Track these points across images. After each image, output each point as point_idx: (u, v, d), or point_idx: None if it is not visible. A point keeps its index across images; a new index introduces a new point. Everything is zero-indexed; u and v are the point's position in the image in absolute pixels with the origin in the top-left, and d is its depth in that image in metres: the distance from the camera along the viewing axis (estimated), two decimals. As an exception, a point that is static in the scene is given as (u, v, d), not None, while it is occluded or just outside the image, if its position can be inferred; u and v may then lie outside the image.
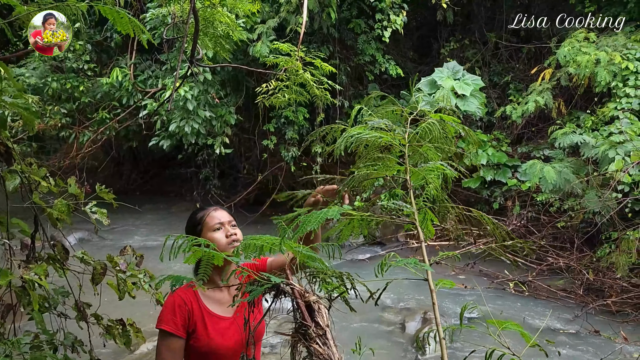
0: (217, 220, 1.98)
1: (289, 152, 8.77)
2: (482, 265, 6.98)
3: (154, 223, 10.02)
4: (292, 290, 1.35)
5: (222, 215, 2.01)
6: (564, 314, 5.49)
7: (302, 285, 1.38)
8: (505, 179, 7.59)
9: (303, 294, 1.34)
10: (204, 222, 1.98)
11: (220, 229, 1.99)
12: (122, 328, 2.47)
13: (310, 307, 1.32)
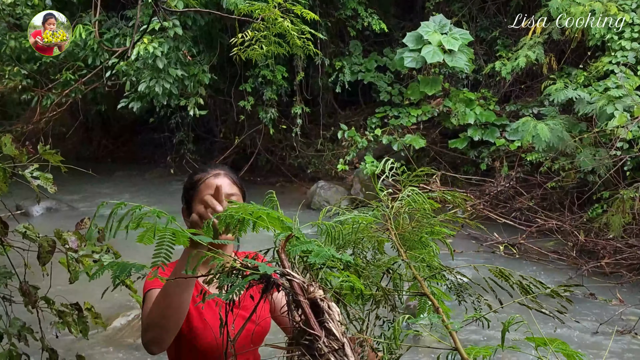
0: (211, 191, 1.58)
1: (267, 114, 8.34)
2: (470, 228, 6.75)
3: (127, 190, 9.56)
4: (289, 282, 0.97)
5: (221, 185, 1.62)
6: (556, 277, 5.31)
7: (304, 276, 1.02)
8: (494, 139, 7.31)
9: (306, 288, 0.97)
10: (197, 189, 1.63)
11: None
12: (78, 314, 2.11)
13: (316, 306, 0.94)
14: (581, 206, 6.56)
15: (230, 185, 1.65)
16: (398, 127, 7.84)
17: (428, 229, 1.41)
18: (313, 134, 9.65)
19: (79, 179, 9.73)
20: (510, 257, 5.87)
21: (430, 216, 1.43)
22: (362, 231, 1.30)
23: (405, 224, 1.39)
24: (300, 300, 0.93)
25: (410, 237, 1.36)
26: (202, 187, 1.62)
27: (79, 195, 9.18)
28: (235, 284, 0.94)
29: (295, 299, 0.94)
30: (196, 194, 1.63)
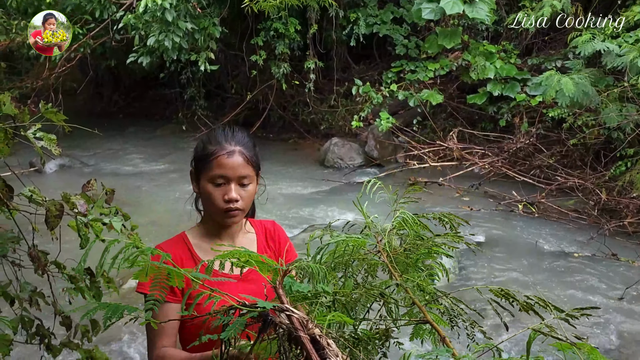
0: (222, 172, 1.50)
1: (279, 69, 8.12)
2: (488, 186, 6.62)
3: (139, 147, 9.50)
4: (288, 318, 0.88)
5: (233, 165, 1.50)
6: (577, 237, 5.19)
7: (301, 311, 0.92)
8: (514, 94, 7.06)
9: (305, 323, 0.87)
10: (209, 164, 1.51)
11: (221, 186, 1.51)
12: (90, 278, 2.04)
13: (315, 342, 0.85)
14: (603, 164, 6.37)
15: (244, 165, 1.52)
16: (414, 82, 7.59)
17: (423, 250, 1.29)
18: (326, 90, 9.42)
19: (91, 136, 9.67)
20: (528, 216, 5.74)
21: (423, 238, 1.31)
22: (353, 254, 1.19)
23: (397, 246, 1.28)
24: (301, 336, 0.84)
25: (402, 259, 1.25)
26: (213, 164, 1.51)
27: (91, 152, 9.14)
28: (231, 324, 0.85)
29: (295, 335, 0.84)
30: (206, 169, 1.52)
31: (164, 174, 7.83)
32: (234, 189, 1.50)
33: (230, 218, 1.53)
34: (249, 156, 1.54)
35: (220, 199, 1.50)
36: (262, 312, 0.85)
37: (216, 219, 1.55)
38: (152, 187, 7.25)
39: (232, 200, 1.49)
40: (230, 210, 1.50)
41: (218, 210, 1.52)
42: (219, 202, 1.51)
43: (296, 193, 6.84)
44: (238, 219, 1.55)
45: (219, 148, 1.51)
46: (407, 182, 7.00)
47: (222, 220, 1.54)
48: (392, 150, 8.01)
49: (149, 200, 6.59)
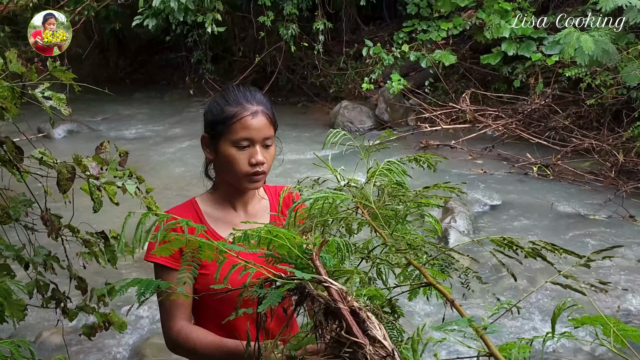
0: (247, 134, 1.39)
1: (288, 30, 7.93)
2: (501, 148, 6.51)
3: (147, 112, 9.42)
4: (327, 290, 0.81)
5: (258, 126, 1.40)
6: (593, 199, 5.10)
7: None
8: (530, 54, 6.86)
9: (345, 296, 0.80)
10: (230, 127, 1.40)
11: (246, 149, 1.41)
12: (105, 242, 2.00)
13: (355, 315, 0.79)
14: (621, 125, 6.22)
15: (267, 126, 1.43)
16: (426, 42, 7.40)
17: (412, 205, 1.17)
18: (335, 52, 9.23)
19: (99, 101, 9.60)
20: (543, 179, 5.65)
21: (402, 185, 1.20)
22: (330, 212, 1.08)
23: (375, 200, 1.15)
24: (341, 308, 0.77)
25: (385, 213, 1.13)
26: (236, 126, 1.40)
27: (99, 117, 9.08)
28: (268, 296, 0.78)
29: (334, 308, 0.77)
30: (228, 132, 1.41)
31: (173, 139, 7.77)
32: (259, 151, 1.41)
33: (254, 182, 1.44)
34: (271, 116, 1.45)
35: (246, 162, 1.41)
36: (299, 283, 0.78)
37: (239, 184, 1.45)
38: (162, 151, 7.20)
39: (259, 163, 1.41)
40: (257, 174, 1.41)
41: (242, 175, 1.42)
42: (243, 166, 1.41)
43: (306, 157, 6.76)
44: (261, 183, 1.46)
45: (241, 109, 1.41)
46: (419, 145, 6.90)
47: (246, 184, 1.44)
48: (403, 113, 7.88)
49: (160, 165, 6.55)
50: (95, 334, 2.36)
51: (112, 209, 2.22)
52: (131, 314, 3.37)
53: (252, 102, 1.42)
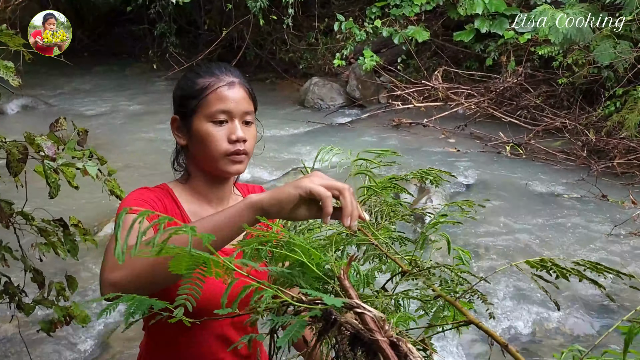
0: (224, 105, 1.21)
1: (256, 2, 7.62)
2: (474, 127, 6.46)
3: (108, 87, 8.99)
4: (359, 317, 0.64)
5: (236, 97, 1.22)
6: (566, 178, 5.11)
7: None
8: (502, 31, 6.79)
9: (382, 324, 0.64)
10: (204, 99, 1.22)
11: (224, 124, 1.22)
12: (64, 231, 1.80)
13: (396, 348, 0.62)
14: (591, 104, 6.25)
15: (247, 99, 1.25)
16: (399, 17, 7.23)
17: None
18: (305, 27, 8.97)
19: (55, 75, 9.10)
20: (516, 158, 5.63)
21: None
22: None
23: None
24: (379, 340, 0.61)
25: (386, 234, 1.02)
26: (211, 97, 1.21)
27: (55, 92, 8.62)
28: (290, 327, 0.61)
29: (369, 339, 0.61)
30: (202, 106, 1.22)
31: (136, 115, 7.42)
32: (239, 126, 1.22)
33: (236, 164, 1.23)
34: (250, 90, 1.28)
35: (224, 139, 1.21)
36: (325, 309, 0.62)
37: (217, 167, 1.23)
38: (124, 128, 6.87)
39: (240, 140, 1.21)
40: (238, 152, 1.21)
41: (220, 155, 1.22)
42: (221, 144, 1.21)
43: (276, 135, 6.57)
44: (243, 166, 1.25)
45: (215, 79, 1.23)
46: (391, 124, 6.79)
47: (226, 167, 1.23)
48: (374, 91, 7.74)
49: (122, 143, 6.23)
50: (56, 329, 2.16)
51: (71, 193, 2.01)
52: (95, 303, 3.17)
53: (227, 73, 1.25)
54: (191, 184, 1.30)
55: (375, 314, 0.62)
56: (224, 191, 1.31)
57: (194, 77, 1.25)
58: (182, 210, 1.26)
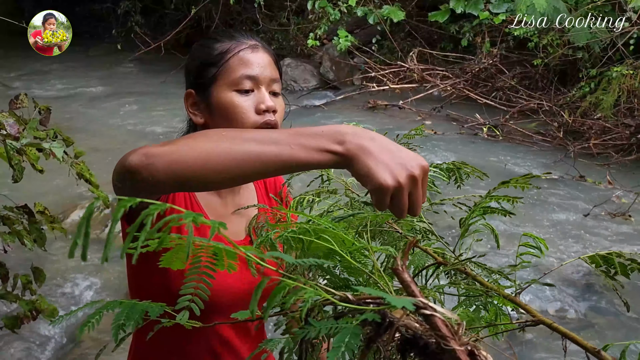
0: (250, 70, 1.03)
1: (226, -20, 7.35)
2: (449, 109, 6.41)
3: (70, 68, 8.59)
4: (427, 320, 0.51)
5: (262, 62, 1.05)
6: (542, 159, 5.11)
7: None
8: (477, 11, 6.72)
9: (457, 330, 0.51)
10: (225, 64, 1.04)
11: (250, 94, 1.03)
12: (29, 219, 1.62)
13: (473, 357, 0.50)
14: (565, 85, 6.27)
15: (273, 67, 1.07)
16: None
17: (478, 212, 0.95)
18: (276, 6, 8.73)
19: (14, 56, 8.65)
20: (493, 140, 5.60)
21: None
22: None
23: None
24: (456, 350, 0.48)
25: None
26: (234, 62, 1.04)
27: (14, 73, 8.19)
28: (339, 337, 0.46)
29: (443, 348, 0.49)
30: (224, 72, 1.04)
31: (100, 97, 7.11)
32: (267, 95, 1.04)
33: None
34: (275, 57, 1.11)
35: (251, 109, 1.02)
36: (382, 310, 0.49)
37: None
38: (88, 110, 6.57)
39: (270, 109, 1.02)
40: (268, 124, 1.02)
41: (246, 126, 1.03)
42: (249, 115, 1.02)
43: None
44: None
45: (236, 43, 1.06)
46: (366, 105, 6.68)
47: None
48: (348, 72, 7.61)
49: (87, 125, 5.95)
50: (21, 325, 1.99)
51: (33, 178, 1.83)
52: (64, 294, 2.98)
53: (248, 37, 1.09)
54: None
55: (449, 317, 0.50)
56: None
57: (211, 42, 1.08)
58: (194, 201, 1.08)
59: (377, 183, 0.65)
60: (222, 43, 1.07)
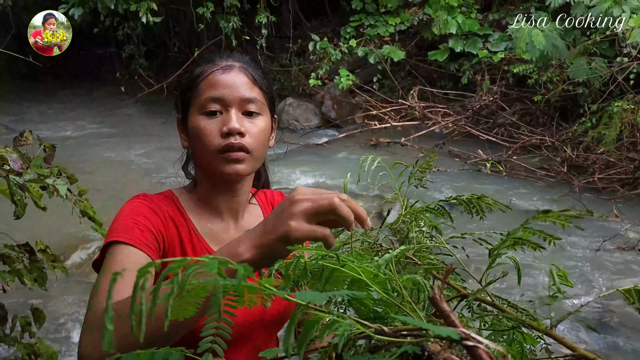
0: (215, 92, 1.01)
1: (229, 23, 7.50)
2: (452, 145, 6.41)
3: (73, 110, 8.67)
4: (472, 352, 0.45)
5: (232, 83, 1.02)
6: (547, 194, 5.07)
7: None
8: (476, 50, 6.82)
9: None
10: (196, 88, 1.04)
11: (217, 116, 1.02)
12: (30, 257, 1.57)
13: None
14: (566, 121, 6.29)
15: (248, 84, 1.04)
16: (374, 37, 7.21)
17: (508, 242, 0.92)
18: (277, 48, 8.88)
19: (18, 99, 8.76)
20: (497, 175, 5.58)
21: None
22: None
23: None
24: None
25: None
26: (203, 85, 1.03)
27: (17, 116, 8.26)
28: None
29: None
30: (195, 95, 1.04)
31: (103, 138, 7.14)
32: (234, 115, 1.00)
33: (231, 164, 1.00)
34: (256, 75, 1.06)
35: (216, 132, 1.00)
36: (421, 342, 0.44)
37: (212, 168, 1.02)
38: (90, 152, 6.58)
39: (233, 131, 0.99)
40: (231, 148, 0.99)
41: (212, 152, 1.00)
42: (212, 139, 1.00)
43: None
44: (243, 166, 1.01)
45: (210, 65, 1.05)
46: (368, 143, 6.70)
47: (220, 167, 1.01)
48: (349, 111, 7.66)
49: (89, 166, 5.94)
50: (19, 370, 1.91)
51: (35, 216, 1.79)
52: (64, 337, 2.89)
53: (226, 59, 1.07)
54: (198, 193, 1.11)
55: (494, 348, 0.45)
56: (236, 201, 1.10)
57: (193, 67, 1.09)
58: (188, 221, 1.07)
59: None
60: (199, 67, 1.07)
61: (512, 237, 0.75)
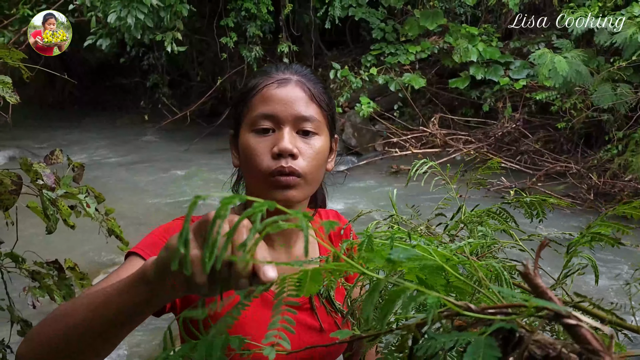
0: (268, 108, 0.94)
1: (251, 52, 7.62)
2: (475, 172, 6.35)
3: (98, 138, 8.83)
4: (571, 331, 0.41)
5: (287, 98, 0.94)
6: (574, 222, 4.96)
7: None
8: (497, 78, 6.81)
9: (609, 345, 0.40)
10: (248, 104, 0.97)
11: (269, 134, 0.94)
12: (59, 274, 1.57)
13: None
14: (590, 147, 6.20)
15: (305, 100, 0.95)
16: (395, 65, 7.26)
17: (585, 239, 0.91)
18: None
19: (45, 127, 8.96)
20: (521, 202, 5.49)
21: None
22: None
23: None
24: None
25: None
26: (255, 100, 0.96)
27: (45, 143, 8.43)
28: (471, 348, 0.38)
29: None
30: (247, 110, 0.97)
31: (126, 165, 7.23)
32: (287, 135, 0.92)
33: (281, 189, 0.91)
34: (314, 90, 0.97)
35: (266, 153, 0.92)
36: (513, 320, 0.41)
37: (262, 194, 0.92)
38: (114, 178, 6.66)
39: (285, 152, 0.91)
40: (282, 172, 0.91)
41: (262, 175, 0.92)
42: (262, 160, 0.92)
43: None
44: (295, 192, 0.92)
45: (265, 78, 0.98)
46: (390, 170, 6.67)
47: (269, 193, 0.92)
48: (370, 138, 7.66)
49: (113, 192, 6.00)
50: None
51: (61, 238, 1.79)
52: None
53: (283, 71, 0.99)
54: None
55: (598, 327, 0.42)
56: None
57: (249, 80, 1.02)
58: None
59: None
60: (254, 79, 1.00)
61: (590, 233, 0.73)
